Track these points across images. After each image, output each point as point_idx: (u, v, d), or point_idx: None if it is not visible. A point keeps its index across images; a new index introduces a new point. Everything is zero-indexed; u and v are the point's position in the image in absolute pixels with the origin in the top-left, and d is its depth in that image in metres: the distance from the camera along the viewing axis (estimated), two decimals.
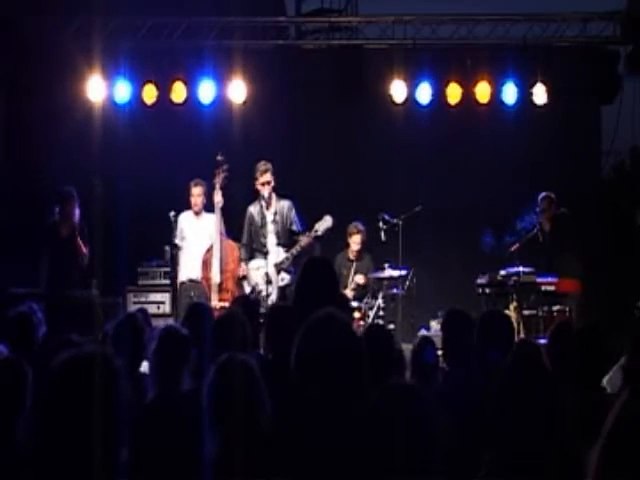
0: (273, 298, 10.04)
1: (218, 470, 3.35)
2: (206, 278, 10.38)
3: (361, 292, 11.19)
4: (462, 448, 3.74)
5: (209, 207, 10.62)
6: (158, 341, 4.86)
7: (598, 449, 1.89)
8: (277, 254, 10.29)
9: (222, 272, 10.37)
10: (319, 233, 10.20)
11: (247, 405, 3.42)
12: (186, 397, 4.60)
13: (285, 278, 10.11)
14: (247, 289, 10.33)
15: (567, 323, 5.80)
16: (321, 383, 3.00)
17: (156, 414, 4.60)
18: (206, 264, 10.41)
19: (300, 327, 3.14)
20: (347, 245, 11.34)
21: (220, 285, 10.29)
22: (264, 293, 10.02)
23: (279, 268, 10.22)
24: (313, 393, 3.02)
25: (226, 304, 9.44)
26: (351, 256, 11.32)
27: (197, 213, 10.67)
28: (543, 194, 11.01)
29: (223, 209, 10.51)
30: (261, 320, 6.43)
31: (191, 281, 10.53)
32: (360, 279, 11.18)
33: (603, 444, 1.90)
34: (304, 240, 10.14)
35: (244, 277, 10.37)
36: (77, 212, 10.33)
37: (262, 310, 8.33)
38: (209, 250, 10.42)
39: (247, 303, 6.77)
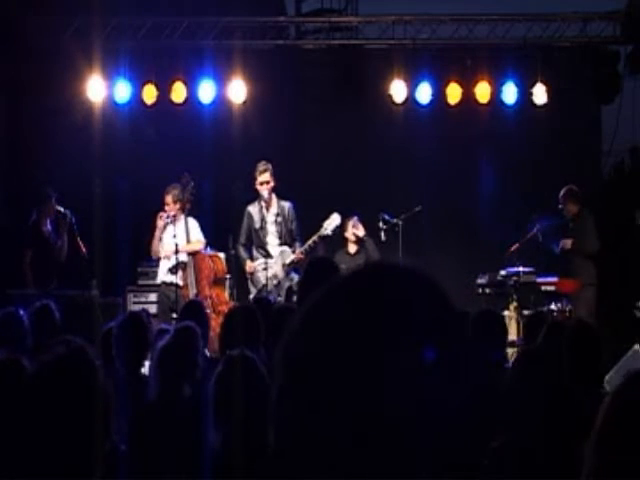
0: (281, 300, 10.09)
1: (219, 467, 3.35)
2: (185, 295, 10.42)
3: (362, 248, 11.11)
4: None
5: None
6: (174, 336, 4.91)
7: (592, 444, 1.90)
8: (283, 254, 10.29)
9: (197, 282, 10.42)
10: (328, 232, 10.23)
11: (251, 404, 3.42)
12: (188, 395, 4.62)
13: (294, 278, 10.09)
14: (252, 290, 10.33)
15: (559, 323, 5.80)
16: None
17: (159, 412, 4.61)
18: (185, 282, 10.49)
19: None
20: (345, 241, 11.31)
21: (197, 295, 10.33)
22: (274, 295, 10.06)
23: (288, 268, 10.23)
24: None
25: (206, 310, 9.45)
26: (351, 250, 11.29)
27: (174, 217, 10.61)
28: (564, 189, 10.79)
29: (222, 209, 10.54)
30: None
31: (169, 284, 10.50)
32: (359, 230, 11.10)
33: (596, 439, 1.91)
34: (314, 239, 10.17)
35: (251, 274, 10.37)
36: (53, 206, 10.40)
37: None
38: (185, 270, 10.49)
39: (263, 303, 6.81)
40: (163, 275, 10.59)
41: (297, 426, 1.33)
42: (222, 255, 10.91)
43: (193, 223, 10.64)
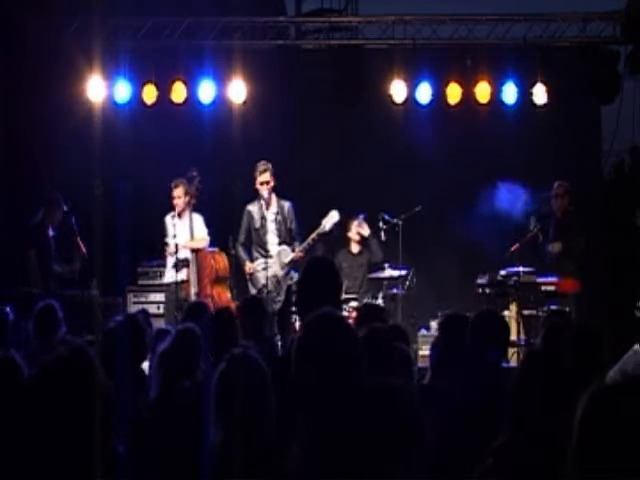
0: (282, 299, 10.12)
1: (219, 467, 3.35)
2: (187, 292, 10.42)
3: (365, 248, 11.12)
4: (461, 447, 3.76)
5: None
6: (175, 339, 4.93)
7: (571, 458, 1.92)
8: (281, 254, 10.30)
9: (199, 281, 10.41)
10: (326, 229, 10.25)
11: (253, 402, 3.43)
12: (188, 394, 4.63)
13: (294, 277, 10.10)
14: (252, 290, 10.33)
15: (560, 323, 5.80)
16: (317, 381, 3.01)
17: (160, 412, 4.62)
18: (187, 280, 10.49)
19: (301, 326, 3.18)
20: (347, 240, 11.34)
21: (198, 294, 10.31)
22: (274, 294, 10.07)
23: (287, 267, 10.25)
24: (309, 391, 3.03)
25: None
26: (353, 249, 11.31)
27: (179, 215, 10.63)
28: (559, 182, 11.03)
29: (222, 209, 10.55)
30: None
31: (175, 283, 10.49)
32: (364, 230, 11.12)
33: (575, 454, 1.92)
34: (312, 237, 10.19)
35: (250, 275, 10.37)
36: (60, 215, 10.44)
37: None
38: (188, 267, 10.50)
39: (254, 302, 6.82)
40: (170, 275, 10.57)
41: None
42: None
43: (198, 219, 10.63)
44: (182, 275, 10.44)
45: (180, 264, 10.40)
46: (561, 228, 10.93)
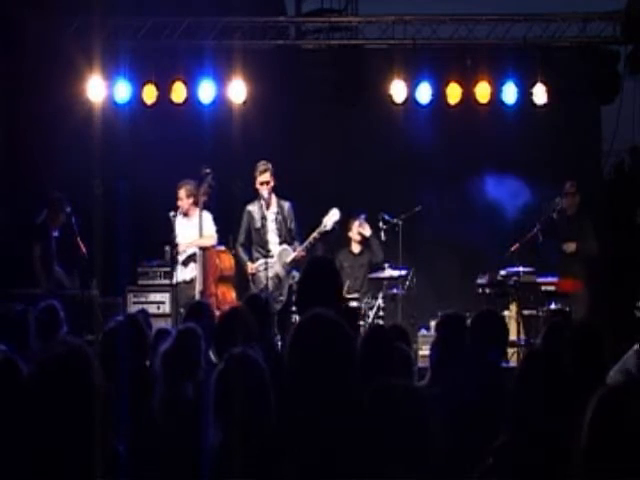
0: (283, 299, 10.12)
1: (218, 466, 3.35)
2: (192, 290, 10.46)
3: (366, 248, 11.13)
4: (461, 447, 3.76)
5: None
6: (176, 339, 4.94)
7: (579, 458, 1.93)
8: (283, 253, 10.30)
9: (204, 279, 10.41)
10: (328, 227, 10.26)
11: (253, 402, 3.43)
12: (189, 395, 4.63)
13: (296, 276, 10.10)
14: (254, 291, 10.33)
15: (560, 323, 5.81)
16: (309, 382, 3.00)
17: (160, 411, 4.62)
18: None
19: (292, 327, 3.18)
20: (348, 240, 11.35)
21: (202, 292, 10.32)
22: (275, 294, 10.07)
23: (289, 267, 10.26)
24: (302, 392, 3.02)
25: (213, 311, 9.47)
26: (354, 249, 11.32)
27: (185, 214, 10.65)
28: (570, 182, 11.08)
29: (222, 209, 10.55)
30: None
31: (184, 283, 10.49)
32: (366, 230, 11.13)
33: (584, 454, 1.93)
34: (314, 236, 10.20)
35: (252, 275, 10.37)
36: (63, 217, 10.45)
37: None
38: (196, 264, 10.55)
39: (256, 301, 6.82)
40: (177, 274, 10.56)
41: None
42: None
43: (207, 217, 10.63)
44: (191, 273, 10.46)
45: (188, 260, 10.43)
46: (573, 227, 10.93)
